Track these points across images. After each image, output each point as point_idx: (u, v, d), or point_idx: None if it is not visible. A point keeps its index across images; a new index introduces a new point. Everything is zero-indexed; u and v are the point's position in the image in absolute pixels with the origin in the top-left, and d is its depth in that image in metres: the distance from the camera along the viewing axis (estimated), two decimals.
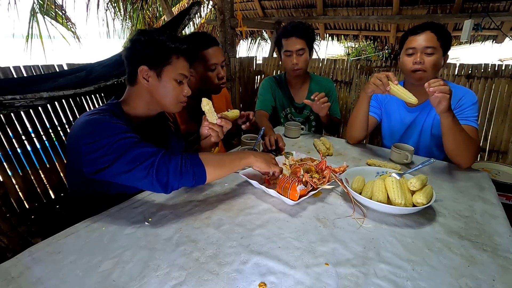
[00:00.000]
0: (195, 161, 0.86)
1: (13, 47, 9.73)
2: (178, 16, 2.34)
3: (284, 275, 0.65)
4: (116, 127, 0.86)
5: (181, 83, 1.03)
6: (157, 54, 0.97)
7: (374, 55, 9.50)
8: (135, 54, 0.98)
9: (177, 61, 1.00)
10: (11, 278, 0.63)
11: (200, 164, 0.87)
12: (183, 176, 0.83)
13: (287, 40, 1.69)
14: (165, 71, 0.99)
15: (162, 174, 0.81)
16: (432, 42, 1.25)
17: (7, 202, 1.53)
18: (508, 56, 10.82)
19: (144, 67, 0.96)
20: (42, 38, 5.18)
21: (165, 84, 1.00)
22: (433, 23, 1.29)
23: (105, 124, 0.86)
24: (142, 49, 0.96)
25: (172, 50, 0.98)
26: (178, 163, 0.84)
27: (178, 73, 1.01)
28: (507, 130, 2.32)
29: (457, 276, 0.65)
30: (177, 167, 0.83)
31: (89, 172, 0.84)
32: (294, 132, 1.61)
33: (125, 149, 0.82)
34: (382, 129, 1.62)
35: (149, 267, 0.66)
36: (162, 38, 0.98)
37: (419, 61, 1.26)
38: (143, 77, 0.98)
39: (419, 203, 0.85)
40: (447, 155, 1.25)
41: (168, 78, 0.99)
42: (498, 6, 3.19)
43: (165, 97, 1.02)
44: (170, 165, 0.83)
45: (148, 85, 0.99)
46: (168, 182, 0.82)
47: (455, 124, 1.14)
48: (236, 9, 3.27)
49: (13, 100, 1.48)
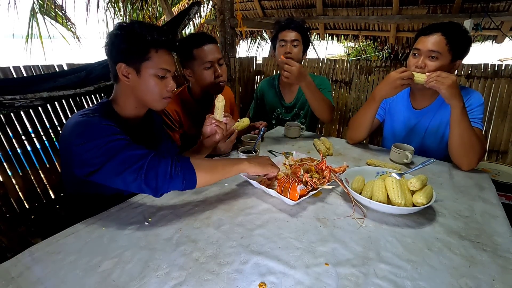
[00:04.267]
0: (185, 165, 0.84)
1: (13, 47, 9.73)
2: (178, 16, 2.34)
3: (284, 275, 0.65)
4: (106, 129, 0.84)
5: (163, 78, 0.97)
6: (134, 49, 0.91)
7: (374, 55, 9.50)
8: (112, 50, 0.93)
9: (157, 55, 0.93)
10: (11, 278, 0.63)
11: (191, 168, 0.84)
12: (173, 179, 0.81)
13: (282, 32, 1.72)
14: (144, 67, 0.92)
15: (151, 177, 0.80)
16: (439, 46, 1.19)
17: (7, 202, 1.53)
18: (508, 56, 10.83)
19: (122, 64, 0.91)
20: (42, 38, 5.17)
21: (146, 81, 0.94)
22: (449, 25, 1.22)
23: (95, 126, 0.84)
24: (118, 44, 0.91)
25: (149, 43, 0.91)
26: (168, 166, 0.82)
27: (159, 68, 0.94)
28: (507, 130, 2.32)
29: (457, 276, 0.65)
30: (167, 171, 0.81)
31: (80, 174, 0.83)
32: (294, 132, 1.61)
33: (115, 152, 0.80)
34: (384, 130, 1.61)
35: (149, 267, 0.66)
36: (138, 31, 0.90)
37: (421, 65, 1.23)
38: (123, 75, 0.93)
39: (419, 203, 0.85)
40: (451, 154, 1.23)
41: (148, 74, 0.93)
42: (498, 6, 3.19)
43: (147, 94, 0.96)
44: (160, 168, 0.81)
45: (130, 82, 0.94)
46: (157, 186, 0.80)
47: (463, 118, 1.13)
48: (236, 9, 3.27)
49: (13, 100, 1.48)
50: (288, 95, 1.93)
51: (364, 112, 1.38)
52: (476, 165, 1.20)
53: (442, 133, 1.38)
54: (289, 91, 1.92)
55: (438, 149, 1.42)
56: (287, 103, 1.92)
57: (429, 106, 1.39)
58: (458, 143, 1.17)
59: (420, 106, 1.42)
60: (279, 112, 1.96)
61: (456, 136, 1.16)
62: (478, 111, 1.28)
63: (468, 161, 1.19)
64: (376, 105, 1.34)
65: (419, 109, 1.42)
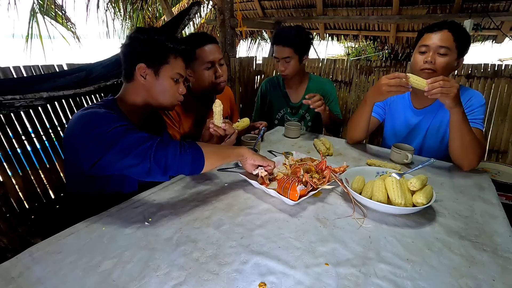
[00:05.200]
0: (193, 146, 0.88)
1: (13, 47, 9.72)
2: (178, 16, 2.34)
3: (284, 275, 0.65)
4: (110, 117, 0.87)
5: (177, 81, 1.06)
6: (156, 53, 0.99)
7: (374, 55, 9.49)
8: (133, 51, 0.99)
9: (175, 60, 1.02)
10: (11, 278, 0.62)
11: (198, 148, 0.88)
12: (182, 159, 0.84)
13: (276, 46, 1.74)
14: (162, 70, 1.01)
15: (160, 156, 0.82)
16: (448, 42, 1.20)
17: (7, 202, 1.53)
18: (508, 56, 10.82)
19: (142, 65, 0.98)
20: (42, 38, 5.18)
21: (162, 82, 1.02)
22: (453, 23, 1.23)
23: (100, 115, 0.87)
24: (141, 47, 0.98)
25: (170, 49, 1.01)
26: (177, 146, 0.85)
27: (175, 72, 1.03)
28: (507, 130, 2.32)
29: (457, 276, 0.65)
30: (176, 149, 0.84)
31: (87, 166, 0.84)
32: (294, 132, 1.61)
33: (120, 136, 0.82)
34: (385, 129, 1.61)
35: (149, 267, 0.66)
36: (161, 38, 1.00)
37: (430, 60, 1.21)
38: (141, 75, 0.99)
39: (419, 203, 0.85)
40: (451, 156, 1.23)
41: (165, 76, 1.01)
42: (498, 6, 3.19)
43: (162, 95, 1.04)
44: (169, 148, 0.84)
45: (145, 83, 1.00)
46: (167, 164, 0.82)
47: (464, 123, 1.12)
48: (236, 9, 3.27)
49: (13, 100, 1.48)
50: (294, 95, 1.94)
51: (359, 114, 1.39)
52: (477, 165, 1.20)
53: (443, 132, 1.38)
54: (295, 91, 1.93)
55: (439, 149, 1.42)
56: (294, 103, 1.94)
57: (431, 105, 1.38)
58: (459, 146, 1.17)
59: (421, 105, 1.41)
60: (284, 112, 1.98)
61: (457, 140, 1.16)
62: (479, 111, 1.28)
63: (468, 162, 1.19)
64: (369, 108, 1.33)
65: (420, 108, 1.42)
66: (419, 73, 1.26)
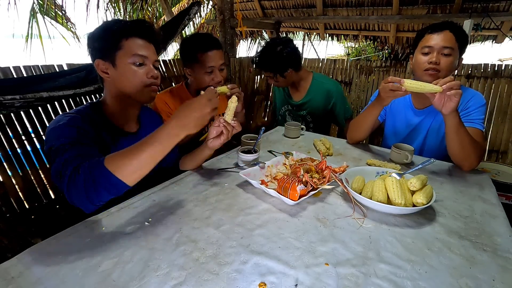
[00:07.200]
0: (91, 163, 0.74)
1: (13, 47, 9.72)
2: (178, 16, 2.35)
3: (284, 275, 0.64)
4: (64, 130, 0.84)
5: (141, 65, 0.95)
6: (105, 43, 0.92)
7: (374, 55, 9.49)
8: (89, 50, 0.95)
9: (128, 42, 0.93)
10: (11, 278, 0.62)
11: (97, 162, 0.73)
12: (76, 185, 0.72)
13: None
14: (117, 58, 0.93)
15: (72, 195, 0.74)
16: (451, 42, 1.21)
17: (7, 202, 1.53)
18: (508, 56, 10.82)
19: (99, 61, 0.93)
20: (42, 38, 5.18)
21: (123, 71, 0.93)
22: (452, 23, 1.25)
23: (55, 128, 0.85)
24: (92, 43, 0.94)
25: (119, 33, 0.92)
26: (81, 180, 0.72)
27: (132, 54, 0.93)
28: (507, 130, 2.32)
29: (457, 276, 0.65)
30: (77, 176, 0.73)
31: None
32: (294, 132, 1.61)
33: (56, 155, 0.79)
34: (385, 129, 1.61)
35: (149, 267, 0.66)
36: (106, 26, 0.93)
37: (435, 61, 1.21)
38: (102, 71, 0.94)
39: (419, 203, 0.85)
40: (451, 157, 1.23)
41: (123, 64, 0.93)
42: (498, 6, 3.18)
43: (127, 85, 0.95)
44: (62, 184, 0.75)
45: (110, 78, 0.95)
46: (86, 192, 0.73)
47: (462, 125, 1.12)
48: (236, 9, 3.27)
49: (13, 100, 1.48)
50: (296, 94, 1.96)
51: (365, 116, 1.38)
52: (477, 165, 1.20)
53: (443, 132, 1.37)
54: (297, 90, 1.95)
55: (439, 149, 1.41)
56: (296, 101, 1.96)
57: (431, 106, 1.38)
58: (459, 149, 1.17)
59: (422, 105, 1.41)
60: (286, 109, 2.03)
61: (457, 143, 1.15)
62: (479, 112, 1.28)
63: (469, 163, 1.19)
64: (377, 112, 1.33)
65: (421, 108, 1.42)
66: (422, 74, 1.27)
